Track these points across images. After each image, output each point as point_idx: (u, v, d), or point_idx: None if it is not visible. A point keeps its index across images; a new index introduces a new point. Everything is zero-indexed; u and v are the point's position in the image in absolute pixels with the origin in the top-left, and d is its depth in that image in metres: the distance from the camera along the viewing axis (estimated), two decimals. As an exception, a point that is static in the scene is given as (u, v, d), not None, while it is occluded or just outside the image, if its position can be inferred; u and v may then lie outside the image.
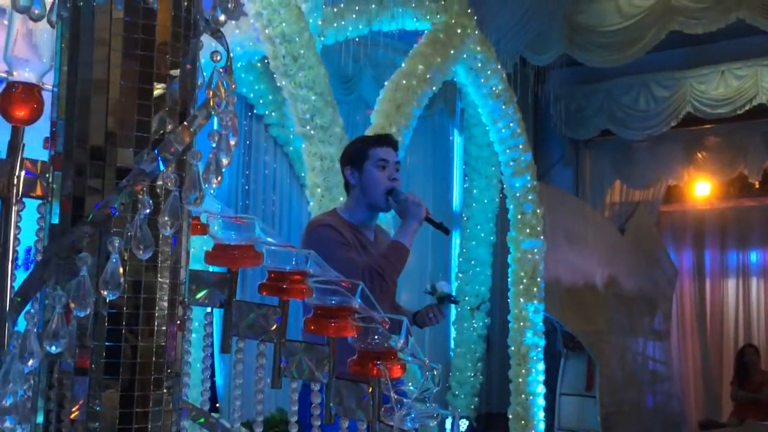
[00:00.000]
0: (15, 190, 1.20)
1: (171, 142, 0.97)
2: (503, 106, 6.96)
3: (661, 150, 9.02)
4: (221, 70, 1.09)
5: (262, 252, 1.32)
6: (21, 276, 1.53)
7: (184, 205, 0.97)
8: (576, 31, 7.66)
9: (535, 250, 7.02)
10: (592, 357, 7.64)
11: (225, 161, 0.99)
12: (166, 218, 0.94)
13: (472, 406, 7.66)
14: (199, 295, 1.32)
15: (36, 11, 1.07)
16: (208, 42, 1.19)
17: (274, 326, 1.31)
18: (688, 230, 9.31)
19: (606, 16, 7.49)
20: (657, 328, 8.40)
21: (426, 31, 6.61)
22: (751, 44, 7.84)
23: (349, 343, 1.28)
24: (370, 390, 1.22)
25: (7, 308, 1.09)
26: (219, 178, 0.98)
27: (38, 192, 1.24)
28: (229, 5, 1.06)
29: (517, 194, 7.09)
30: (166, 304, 1.04)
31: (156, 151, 0.97)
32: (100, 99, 1.05)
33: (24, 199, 1.25)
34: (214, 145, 0.99)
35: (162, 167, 0.97)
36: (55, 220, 1.15)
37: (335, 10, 6.49)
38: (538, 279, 6.99)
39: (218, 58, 1.12)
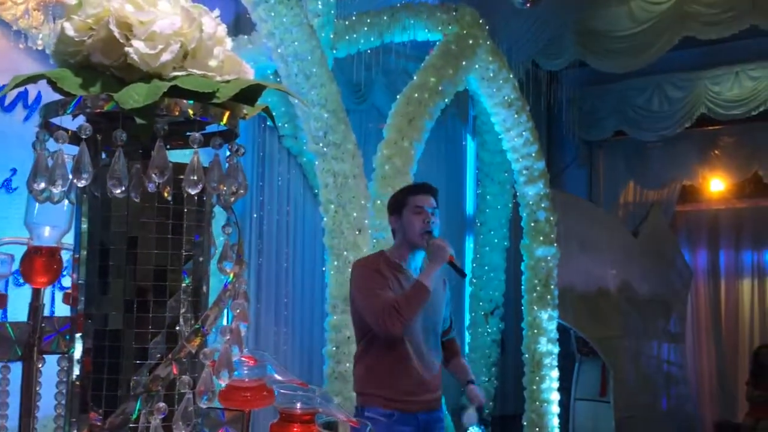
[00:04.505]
0: (36, 350, 1.24)
1: (184, 345, 1.01)
2: (515, 115, 6.93)
3: (675, 150, 8.98)
4: (233, 246, 1.12)
5: (273, 391, 1.36)
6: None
7: (198, 405, 1.01)
8: (588, 36, 7.62)
9: (549, 258, 7.02)
10: (606, 363, 7.66)
11: (237, 355, 1.03)
12: (180, 423, 0.98)
13: (487, 410, 7.72)
14: (214, 436, 1.37)
15: (56, 198, 1.11)
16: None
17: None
18: (703, 230, 9.28)
19: (618, 22, 7.43)
20: (671, 330, 8.39)
21: (437, 43, 6.60)
22: (766, 45, 7.78)
23: None
24: None
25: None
26: (231, 374, 1.02)
27: (58, 347, 1.29)
28: (241, 191, 1.09)
29: (530, 202, 7.07)
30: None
31: (170, 356, 1.00)
32: (117, 284, 1.09)
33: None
34: (225, 340, 1.03)
35: (175, 371, 1.01)
36: (76, 378, 1.20)
37: (347, 23, 6.50)
38: (552, 286, 6.99)
39: (229, 231, 1.16)
